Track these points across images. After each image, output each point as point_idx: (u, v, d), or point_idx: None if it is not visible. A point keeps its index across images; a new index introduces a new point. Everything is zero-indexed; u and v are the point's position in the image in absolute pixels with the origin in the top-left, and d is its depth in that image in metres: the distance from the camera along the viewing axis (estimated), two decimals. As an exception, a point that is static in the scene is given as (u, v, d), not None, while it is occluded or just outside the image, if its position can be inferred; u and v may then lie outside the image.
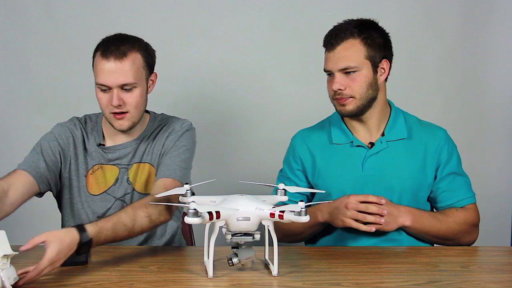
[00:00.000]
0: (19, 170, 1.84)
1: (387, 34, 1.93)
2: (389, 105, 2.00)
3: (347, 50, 1.86)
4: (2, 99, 2.83)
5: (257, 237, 1.47)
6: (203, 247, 1.61)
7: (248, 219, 1.44)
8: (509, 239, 2.91)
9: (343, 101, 1.88)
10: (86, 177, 1.94)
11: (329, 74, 1.91)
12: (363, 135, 1.96)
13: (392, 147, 1.93)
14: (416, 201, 1.92)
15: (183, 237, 2.13)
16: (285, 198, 1.60)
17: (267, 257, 1.61)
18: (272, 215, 1.44)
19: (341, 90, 1.86)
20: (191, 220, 1.39)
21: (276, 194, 1.61)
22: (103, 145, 1.96)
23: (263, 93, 2.86)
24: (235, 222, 1.44)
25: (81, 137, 1.96)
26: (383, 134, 1.95)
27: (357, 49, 1.86)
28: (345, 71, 1.86)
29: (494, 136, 2.92)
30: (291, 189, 1.64)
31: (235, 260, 1.51)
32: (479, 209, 1.96)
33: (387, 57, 1.92)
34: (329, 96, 1.93)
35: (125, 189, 1.93)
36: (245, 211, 1.44)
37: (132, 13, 2.79)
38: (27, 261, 1.43)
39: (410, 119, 2.00)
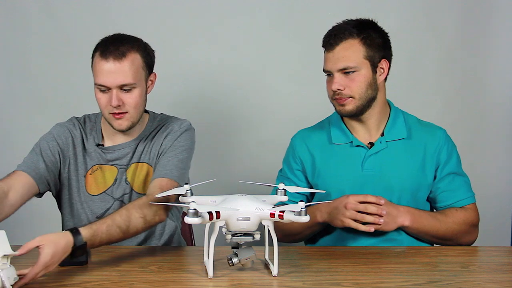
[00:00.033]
0: (19, 171, 1.83)
1: (386, 34, 1.93)
2: (389, 105, 2.00)
3: (346, 50, 1.86)
4: (2, 99, 2.83)
5: (257, 237, 1.47)
6: (203, 247, 1.61)
7: (248, 219, 1.44)
8: (509, 239, 2.91)
9: (343, 101, 1.88)
10: (85, 177, 1.94)
11: (328, 74, 1.91)
12: (363, 135, 1.96)
13: (391, 147, 1.93)
14: (415, 201, 1.92)
15: (183, 237, 2.13)
16: (285, 198, 1.60)
17: (267, 257, 1.61)
18: (272, 215, 1.44)
19: (341, 90, 1.86)
20: (191, 220, 1.39)
21: (276, 194, 1.61)
22: (102, 145, 1.96)
23: (263, 93, 2.86)
24: (235, 222, 1.44)
25: (80, 137, 1.96)
26: (382, 134, 1.95)
27: (356, 49, 1.86)
28: (344, 71, 1.86)
29: (494, 136, 2.92)
30: (291, 189, 1.64)
31: (235, 260, 1.51)
32: (479, 209, 1.96)
33: (386, 57, 1.91)
34: (328, 96, 1.93)
35: (123, 190, 1.92)
36: (245, 211, 1.44)
37: (132, 13, 2.80)
38: (27, 261, 1.42)
39: (409, 119, 2.00)
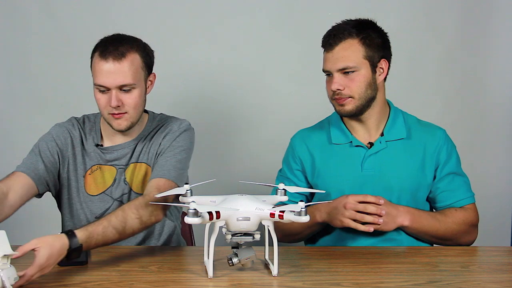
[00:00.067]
0: (18, 172, 1.83)
1: (385, 34, 1.93)
2: (388, 105, 1.99)
3: (346, 50, 1.85)
4: (2, 99, 2.83)
5: (257, 237, 1.47)
6: (203, 247, 1.61)
7: (248, 219, 1.44)
8: (509, 239, 2.91)
9: (342, 101, 1.88)
10: (84, 177, 1.93)
11: (328, 74, 1.91)
12: (362, 135, 1.96)
13: (391, 147, 1.93)
14: (415, 201, 1.92)
15: (183, 237, 2.13)
16: (285, 198, 1.60)
17: (267, 257, 1.61)
18: (272, 215, 1.44)
19: (340, 90, 1.86)
20: (191, 220, 1.39)
21: (276, 194, 1.61)
22: (101, 145, 1.95)
23: (263, 93, 2.85)
24: (235, 222, 1.44)
25: (79, 137, 1.96)
26: (382, 134, 1.95)
27: (356, 49, 1.86)
28: (343, 71, 1.86)
29: (494, 136, 2.92)
30: (291, 189, 1.64)
31: (235, 260, 1.51)
32: (479, 209, 1.96)
33: (386, 57, 1.91)
34: (328, 96, 1.93)
35: (122, 190, 1.92)
36: (245, 211, 1.44)
37: (132, 13, 2.79)
38: (27, 261, 1.42)
39: (409, 119, 2.00)
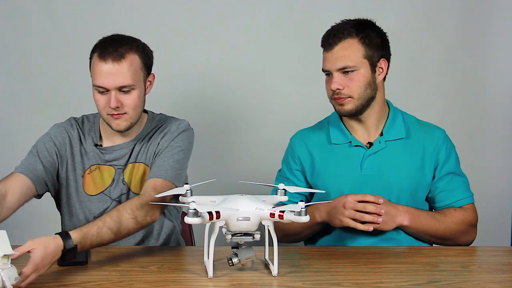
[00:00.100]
0: (16, 173, 1.83)
1: (384, 33, 1.93)
2: (388, 105, 2.00)
3: (345, 49, 1.86)
4: (2, 99, 2.83)
5: (257, 237, 1.47)
6: (203, 247, 1.61)
7: (248, 219, 1.44)
8: (509, 239, 2.91)
9: (342, 100, 1.88)
10: (83, 177, 1.93)
11: (328, 74, 1.91)
12: (362, 135, 1.96)
13: (390, 147, 1.93)
14: (414, 201, 1.92)
15: (183, 237, 2.13)
16: (285, 198, 1.60)
17: (267, 257, 1.61)
18: (272, 215, 1.44)
19: (340, 89, 1.86)
20: (191, 220, 1.39)
21: (276, 194, 1.61)
22: (101, 145, 1.95)
23: (263, 93, 2.85)
24: (235, 222, 1.44)
25: (77, 137, 1.96)
26: (381, 134, 1.95)
27: (355, 49, 1.86)
28: (343, 71, 1.86)
29: (494, 136, 2.92)
30: (291, 189, 1.64)
31: (235, 260, 1.51)
32: (479, 209, 1.96)
33: (385, 56, 1.91)
34: (327, 96, 1.93)
35: (121, 190, 1.92)
36: (245, 211, 1.44)
37: (132, 13, 2.79)
38: (27, 260, 1.42)
39: (408, 119, 2.00)
